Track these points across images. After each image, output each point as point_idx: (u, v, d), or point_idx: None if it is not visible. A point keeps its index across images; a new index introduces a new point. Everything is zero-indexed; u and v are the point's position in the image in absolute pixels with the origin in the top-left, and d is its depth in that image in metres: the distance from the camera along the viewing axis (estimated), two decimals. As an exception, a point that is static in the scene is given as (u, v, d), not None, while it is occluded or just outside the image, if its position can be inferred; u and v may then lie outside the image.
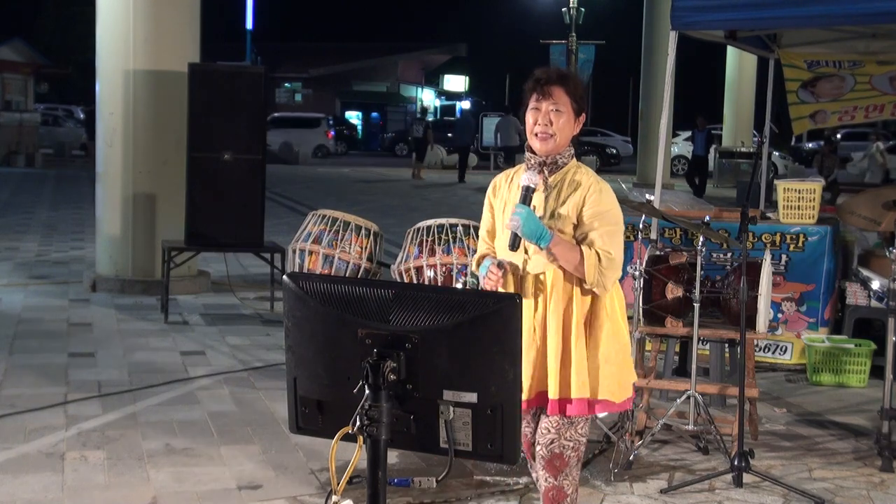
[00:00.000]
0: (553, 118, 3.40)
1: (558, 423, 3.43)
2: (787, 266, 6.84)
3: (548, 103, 3.40)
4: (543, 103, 3.41)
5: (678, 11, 6.29)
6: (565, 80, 3.44)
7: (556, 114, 3.40)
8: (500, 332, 2.24)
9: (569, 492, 3.48)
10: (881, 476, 4.94)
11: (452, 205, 19.48)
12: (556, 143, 3.42)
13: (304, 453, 5.01)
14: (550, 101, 3.40)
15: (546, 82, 3.41)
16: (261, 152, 8.42)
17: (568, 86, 3.42)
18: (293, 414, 2.44)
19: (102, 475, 4.68)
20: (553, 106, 3.40)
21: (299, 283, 2.39)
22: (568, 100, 3.41)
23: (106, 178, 9.44)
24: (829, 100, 8.19)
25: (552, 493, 3.49)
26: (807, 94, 8.21)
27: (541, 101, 3.41)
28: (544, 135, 3.41)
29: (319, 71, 49.60)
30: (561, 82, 3.42)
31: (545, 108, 3.41)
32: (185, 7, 9.36)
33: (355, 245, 6.24)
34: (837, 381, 6.60)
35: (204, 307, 8.77)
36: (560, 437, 3.43)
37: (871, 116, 8.33)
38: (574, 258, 3.33)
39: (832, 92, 8.14)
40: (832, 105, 8.21)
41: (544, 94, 3.40)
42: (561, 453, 3.45)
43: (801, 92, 8.22)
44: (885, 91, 7.98)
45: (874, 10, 5.96)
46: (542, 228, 3.31)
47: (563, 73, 3.48)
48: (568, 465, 3.46)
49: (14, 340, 7.27)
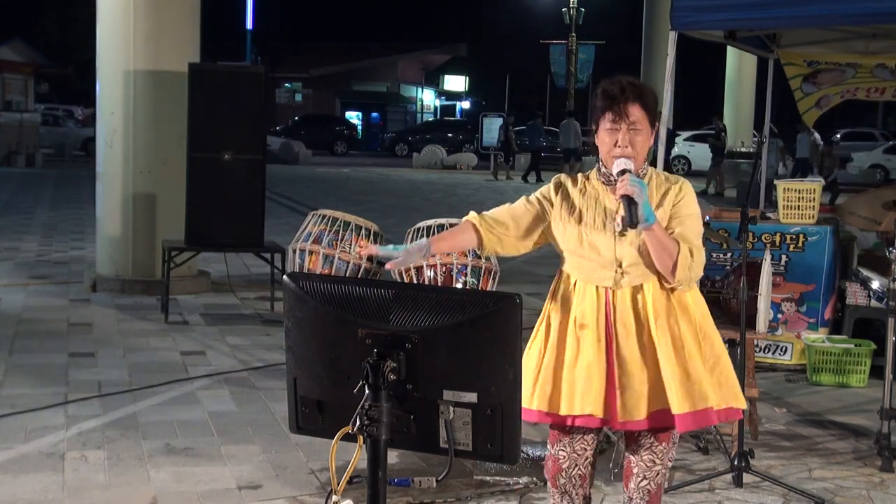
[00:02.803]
0: (633, 139, 3.17)
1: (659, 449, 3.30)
2: (787, 266, 6.84)
3: (626, 124, 3.17)
4: (622, 124, 3.16)
5: (678, 11, 6.29)
6: (642, 95, 3.18)
7: (636, 132, 3.18)
8: (500, 332, 2.24)
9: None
10: (881, 476, 4.94)
11: (452, 205, 19.48)
12: (637, 164, 3.21)
13: (304, 453, 5.01)
14: (629, 122, 3.17)
15: (623, 101, 3.17)
16: (261, 152, 8.42)
17: (645, 101, 3.18)
18: (293, 414, 2.44)
19: (102, 475, 4.68)
20: (632, 126, 3.17)
21: (299, 283, 2.39)
22: (645, 115, 3.18)
23: (106, 178, 9.44)
24: (830, 85, 8.22)
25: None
26: (809, 85, 8.23)
27: (618, 121, 3.17)
28: (626, 159, 3.18)
29: (319, 71, 49.60)
30: (639, 100, 3.18)
31: (624, 128, 3.17)
32: (185, 7, 9.36)
33: (355, 245, 6.23)
34: (837, 381, 6.60)
35: (204, 307, 8.77)
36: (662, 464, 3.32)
37: (872, 97, 8.33)
38: (672, 249, 3.14)
39: (834, 79, 8.17)
40: (834, 89, 8.24)
41: (621, 114, 3.16)
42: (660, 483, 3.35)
43: (805, 85, 8.24)
44: (885, 78, 8.01)
45: (874, 10, 5.96)
46: (650, 206, 3.11)
47: (638, 89, 3.20)
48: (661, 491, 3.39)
49: (14, 340, 7.27)
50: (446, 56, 56.11)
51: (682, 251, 3.15)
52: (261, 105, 8.35)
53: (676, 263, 3.15)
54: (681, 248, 3.15)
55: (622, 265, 3.22)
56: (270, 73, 10.00)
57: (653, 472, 3.33)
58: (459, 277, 5.78)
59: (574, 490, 3.44)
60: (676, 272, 3.16)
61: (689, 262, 3.16)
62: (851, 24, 6.87)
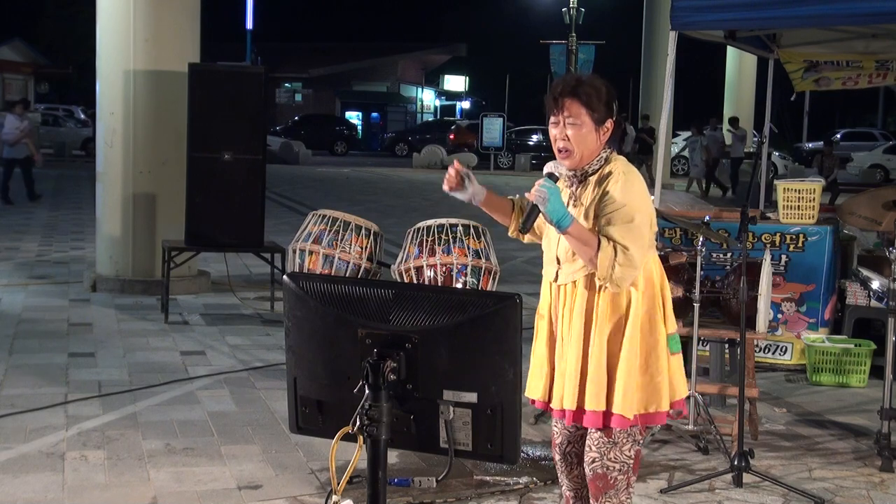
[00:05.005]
0: (571, 133, 3.23)
1: (599, 441, 3.31)
2: (786, 266, 6.84)
3: (562, 118, 3.24)
4: (560, 117, 3.24)
5: (678, 11, 6.29)
6: (577, 90, 3.23)
7: (574, 127, 3.22)
8: (500, 332, 2.24)
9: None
10: (881, 476, 4.94)
11: (452, 205, 19.43)
12: (579, 158, 3.25)
13: (304, 453, 5.01)
14: (564, 116, 3.23)
15: (559, 96, 3.24)
16: (261, 152, 8.42)
17: (580, 96, 3.22)
18: (293, 414, 2.44)
19: (102, 475, 4.68)
20: (568, 120, 3.23)
21: (299, 283, 2.39)
22: (584, 111, 3.22)
23: (106, 178, 9.44)
24: (832, 70, 8.24)
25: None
26: (811, 73, 8.25)
27: (557, 115, 3.25)
28: (565, 152, 3.25)
29: (319, 71, 49.59)
30: (573, 94, 3.22)
31: (561, 122, 3.24)
32: (185, 7, 9.36)
33: (355, 245, 6.23)
34: (837, 381, 6.60)
35: (204, 307, 8.78)
36: (602, 458, 3.31)
37: (875, 82, 8.33)
38: (591, 247, 3.15)
39: (835, 68, 8.20)
40: (836, 73, 8.25)
41: (559, 108, 3.24)
42: (604, 474, 3.31)
43: (806, 73, 8.26)
44: (887, 67, 8.03)
45: (874, 10, 5.97)
46: (564, 209, 3.14)
47: (575, 84, 3.26)
48: (614, 488, 3.33)
49: (14, 340, 7.27)
50: (446, 56, 56.10)
51: (603, 250, 3.15)
52: (261, 105, 8.35)
53: (596, 263, 3.17)
54: (602, 247, 3.15)
55: (559, 261, 3.34)
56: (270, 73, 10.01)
57: (588, 457, 3.35)
58: (459, 277, 5.78)
59: (569, 468, 3.52)
60: (598, 271, 3.18)
61: (612, 261, 3.14)
62: (851, 24, 6.87)
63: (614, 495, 3.34)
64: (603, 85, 3.28)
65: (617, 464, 3.31)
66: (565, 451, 3.52)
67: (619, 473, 3.32)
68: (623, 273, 3.16)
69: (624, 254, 3.14)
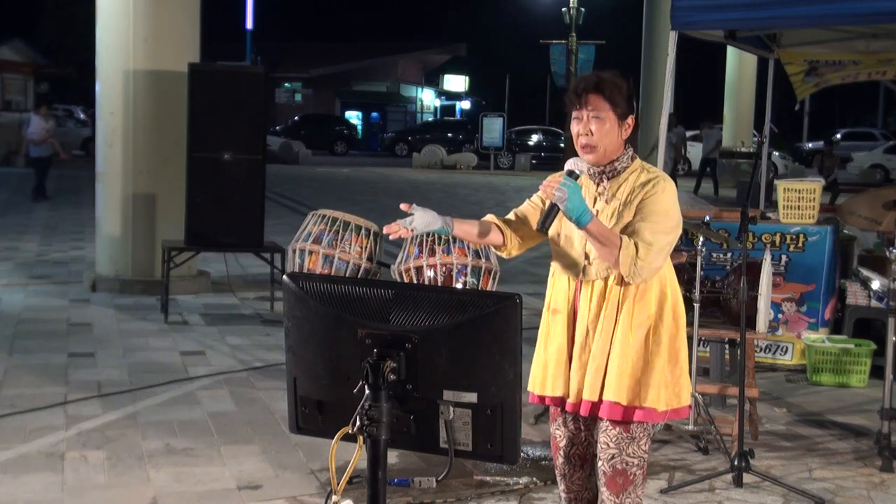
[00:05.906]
0: (595, 128, 3.28)
1: (618, 437, 3.31)
2: (787, 266, 6.84)
3: (587, 112, 3.29)
4: (583, 112, 3.29)
5: (678, 11, 6.29)
6: (599, 85, 3.30)
7: (598, 121, 3.28)
8: (500, 333, 2.24)
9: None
10: (881, 476, 4.94)
11: (453, 205, 19.48)
12: (603, 152, 3.30)
13: (304, 453, 5.01)
14: (588, 109, 3.29)
15: (583, 91, 3.30)
16: (261, 152, 8.42)
17: (603, 91, 3.29)
18: (293, 414, 2.44)
19: (102, 475, 4.67)
20: (593, 113, 3.28)
21: (299, 283, 2.39)
22: (607, 105, 3.29)
23: (106, 178, 9.44)
24: (832, 73, 8.24)
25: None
26: (812, 77, 8.25)
27: (580, 110, 3.30)
28: (588, 147, 3.30)
29: (319, 71, 49.60)
30: (596, 89, 3.30)
31: (585, 117, 3.30)
32: (185, 7, 9.36)
33: (355, 245, 6.23)
34: (837, 381, 6.60)
35: (204, 307, 8.77)
36: (622, 453, 3.31)
37: (875, 77, 8.34)
38: (612, 244, 3.18)
39: (836, 69, 8.20)
40: (835, 74, 8.25)
41: (582, 103, 3.30)
42: (625, 469, 3.31)
43: (807, 77, 8.26)
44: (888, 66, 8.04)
45: (874, 10, 5.96)
46: (585, 206, 3.17)
47: (598, 80, 3.33)
48: (633, 484, 3.33)
49: (14, 340, 7.27)
50: (446, 56, 56.09)
51: (624, 246, 3.19)
52: (261, 105, 8.36)
53: (618, 259, 3.21)
54: (623, 243, 3.19)
55: (589, 257, 3.33)
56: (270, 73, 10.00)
57: (607, 454, 3.33)
58: (459, 277, 5.77)
59: (572, 470, 3.49)
60: (620, 266, 3.22)
61: (633, 258, 3.20)
62: (851, 23, 6.86)
63: (633, 491, 3.35)
64: (624, 81, 3.35)
65: (635, 458, 3.33)
66: (569, 453, 3.50)
67: (638, 468, 3.34)
68: (646, 269, 3.22)
69: (647, 248, 3.20)
